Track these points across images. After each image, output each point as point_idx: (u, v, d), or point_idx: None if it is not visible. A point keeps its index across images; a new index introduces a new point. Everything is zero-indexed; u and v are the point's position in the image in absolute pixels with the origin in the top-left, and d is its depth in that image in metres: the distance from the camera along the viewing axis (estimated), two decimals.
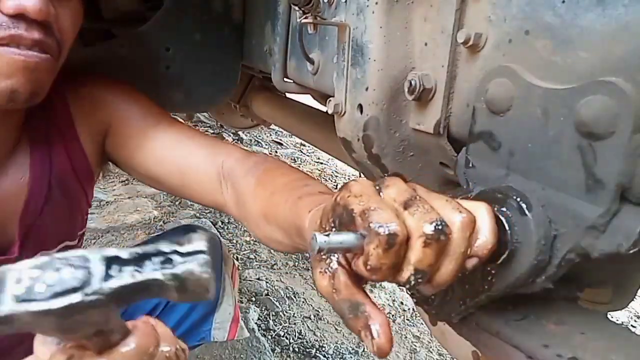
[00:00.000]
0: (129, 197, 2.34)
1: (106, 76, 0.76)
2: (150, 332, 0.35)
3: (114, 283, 0.27)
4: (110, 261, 0.28)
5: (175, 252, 0.29)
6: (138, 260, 0.28)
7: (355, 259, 0.33)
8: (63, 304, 0.26)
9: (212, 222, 2.26)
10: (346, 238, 0.32)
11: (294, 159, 2.97)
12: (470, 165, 0.42)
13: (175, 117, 0.76)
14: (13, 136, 0.64)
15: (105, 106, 0.72)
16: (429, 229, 0.30)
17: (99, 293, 0.27)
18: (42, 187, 0.67)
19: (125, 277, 0.28)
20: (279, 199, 0.53)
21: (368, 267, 0.31)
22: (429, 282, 0.33)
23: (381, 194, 0.34)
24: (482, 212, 0.34)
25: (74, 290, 0.26)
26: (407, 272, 0.31)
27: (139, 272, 0.28)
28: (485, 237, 0.33)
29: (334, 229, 0.35)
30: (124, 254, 0.28)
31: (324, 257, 0.36)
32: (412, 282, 0.31)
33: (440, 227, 0.30)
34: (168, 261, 0.28)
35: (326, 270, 0.35)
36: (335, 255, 0.35)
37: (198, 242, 0.30)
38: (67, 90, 0.70)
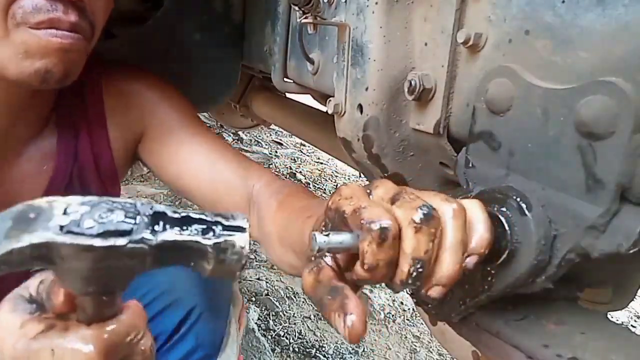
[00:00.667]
0: (128, 197, 2.34)
1: (146, 71, 0.72)
2: (141, 314, 0.35)
3: (159, 236, 0.27)
4: (157, 217, 0.28)
5: (219, 223, 0.29)
6: (183, 222, 0.28)
7: (353, 266, 0.33)
8: (108, 243, 0.26)
9: None
10: (345, 238, 0.32)
11: (294, 159, 2.97)
12: (470, 165, 0.42)
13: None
14: (42, 118, 0.63)
15: (143, 107, 0.70)
16: (417, 215, 0.31)
17: (143, 242, 0.26)
18: (63, 179, 0.65)
19: (170, 234, 0.27)
20: (293, 221, 0.53)
21: (365, 266, 0.31)
22: (431, 278, 0.32)
23: (371, 195, 0.35)
24: (474, 207, 0.34)
25: (121, 233, 0.26)
26: (405, 265, 0.31)
27: (181, 233, 0.28)
28: (480, 233, 0.33)
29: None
30: (170, 212, 0.28)
31: (312, 259, 0.36)
32: (414, 274, 0.31)
33: (426, 211, 0.30)
34: (210, 230, 0.28)
35: (313, 268, 0.36)
36: (326, 257, 0.36)
37: (241, 220, 0.30)
38: (102, 80, 0.68)
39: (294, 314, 1.74)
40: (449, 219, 0.32)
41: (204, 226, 0.28)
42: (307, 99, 1.24)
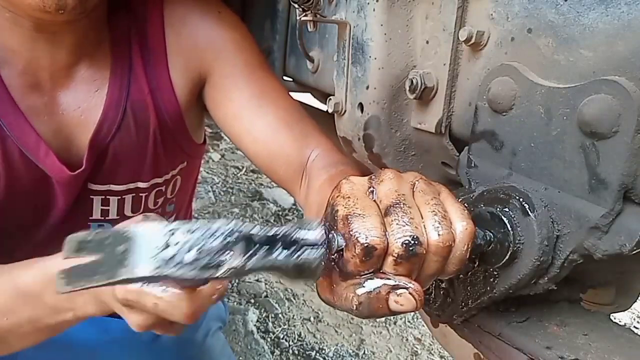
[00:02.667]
0: None
1: (219, 6, 0.66)
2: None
3: (250, 263, 0.30)
4: (249, 240, 0.30)
5: (297, 241, 0.31)
6: (269, 242, 0.30)
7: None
8: (205, 275, 0.29)
9: None
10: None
11: None
12: (473, 164, 0.41)
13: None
14: (91, 42, 0.59)
15: (208, 47, 0.64)
16: (400, 248, 0.30)
17: (236, 269, 0.29)
18: (117, 112, 0.62)
19: (259, 259, 0.30)
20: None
21: (345, 271, 0.31)
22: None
23: (373, 191, 0.34)
24: (458, 237, 0.32)
25: (219, 264, 0.29)
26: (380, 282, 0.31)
27: (269, 257, 0.30)
28: (451, 265, 0.32)
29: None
30: (257, 233, 0.31)
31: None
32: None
33: (412, 248, 0.30)
34: (292, 248, 0.31)
35: None
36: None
37: (318, 233, 0.32)
38: (165, 6, 0.63)
39: (293, 316, 1.73)
40: (432, 253, 0.31)
41: (286, 246, 0.31)
42: (307, 98, 1.23)
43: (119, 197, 0.68)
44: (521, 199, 0.36)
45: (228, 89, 0.65)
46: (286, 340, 1.60)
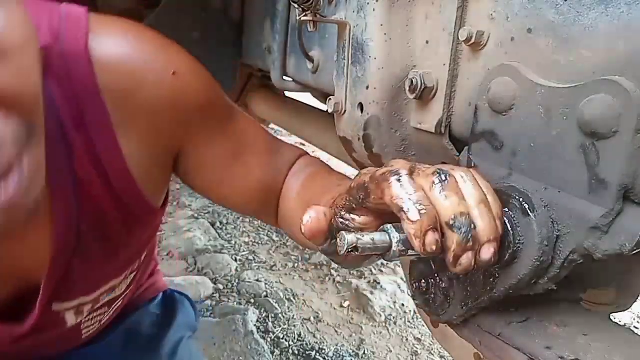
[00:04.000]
0: None
1: (172, 63, 0.50)
2: None
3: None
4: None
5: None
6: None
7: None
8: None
9: (210, 223, 2.26)
10: (375, 236, 0.34)
11: None
12: (473, 165, 0.41)
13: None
14: None
15: (173, 123, 0.51)
16: (434, 175, 0.33)
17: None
18: (68, 239, 0.49)
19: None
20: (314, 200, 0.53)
21: (402, 210, 0.32)
22: (478, 238, 0.33)
23: None
24: (491, 199, 0.35)
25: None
26: (452, 234, 0.33)
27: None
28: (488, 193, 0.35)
29: (347, 211, 0.38)
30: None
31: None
32: (463, 237, 0.33)
33: (441, 170, 0.34)
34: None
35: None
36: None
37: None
38: (98, 81, 0.46)
39: (293, 316, 1.73)
40: (462, 178, 0.34)
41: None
42: (306, 98, 1.23)
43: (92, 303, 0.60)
44: (521, 199, 0.36)
45: (204, 159, 0.57)
46: (286, 340, 1.60)
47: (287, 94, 1.35)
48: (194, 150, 0.56)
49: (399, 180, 0.33)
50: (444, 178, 0.33)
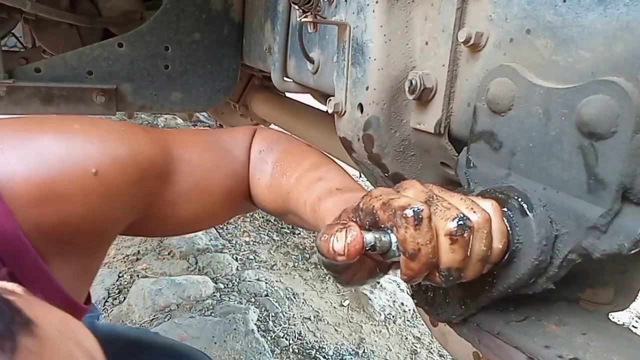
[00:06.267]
0: None
1: (91, 161, 0.44)
2: None
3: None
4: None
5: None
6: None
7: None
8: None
9: None
10: (386, 235, 0.33)
11: None
12: (472, 165, 0.42)
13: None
14: None
15: (99, 226, 0.46)
16: (453, 224, 0.32)
17: None
18: None
19: None
20: (298, 200, 0.53)
21: (408, 253, 0.32)
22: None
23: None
24: (493, 215, 0.34)
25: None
26: (436, 274, 0.33)
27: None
28: (495, 246, 0.34)
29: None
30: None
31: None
32: (450, 279, 0.33)
33: (462, 223, 0.32)
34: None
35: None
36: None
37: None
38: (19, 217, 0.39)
39: (293, 315, 1.73)
40: (479, 230, 0.33)
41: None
42: (307, 99, 1.24)
43: None
44: (520, 199, 0.36)
45: (163, 213, 0.54)
46: (286, 339, 1.60)
47: (288, 94, 1.35)
48: (149, 216, 0.52)
49: (416, 224, 0.31)
50: (461, 233, 0.31)
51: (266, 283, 1.88)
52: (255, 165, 0.61)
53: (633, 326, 1.90)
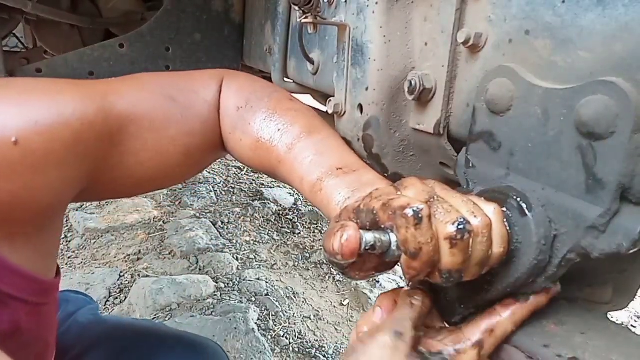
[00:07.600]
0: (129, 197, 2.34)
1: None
2: None
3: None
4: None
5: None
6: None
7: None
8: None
9: (211, 222, 2.27)
10: (388, 235, 0.33)
11: None
12: (471, 165, 0.42)
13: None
14: None
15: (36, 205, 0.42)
16: (453, 228, 0.32)
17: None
18: None
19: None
20: (291, 173, 0.51)
21: (409, 253, 0.32)
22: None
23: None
24: (494, 218, 0.34)
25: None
26: (437, 275, 0.33)
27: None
28: (495, 249, 0.34)
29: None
30: None
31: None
32: (451, 280, 0.33)
33: (462, 227, 0.32)
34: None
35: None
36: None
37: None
38: None
39: (293, 314, 1.73)
40: (479, 234, 0.33)
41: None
42: (307, 99, 1.23)
43: None
44: (519, 199, 0.36)
45: (106, 186, 0.51)
46: (286, 338, 1.61)
47: None
48: (98, 180, 0.48)
49: (416, 224, 0.31)
50: (460, 237, 0.31)
51: (266, 282, 1.89)
52: (235, 124, 0.56)
53: (632, 325, 1.90)
